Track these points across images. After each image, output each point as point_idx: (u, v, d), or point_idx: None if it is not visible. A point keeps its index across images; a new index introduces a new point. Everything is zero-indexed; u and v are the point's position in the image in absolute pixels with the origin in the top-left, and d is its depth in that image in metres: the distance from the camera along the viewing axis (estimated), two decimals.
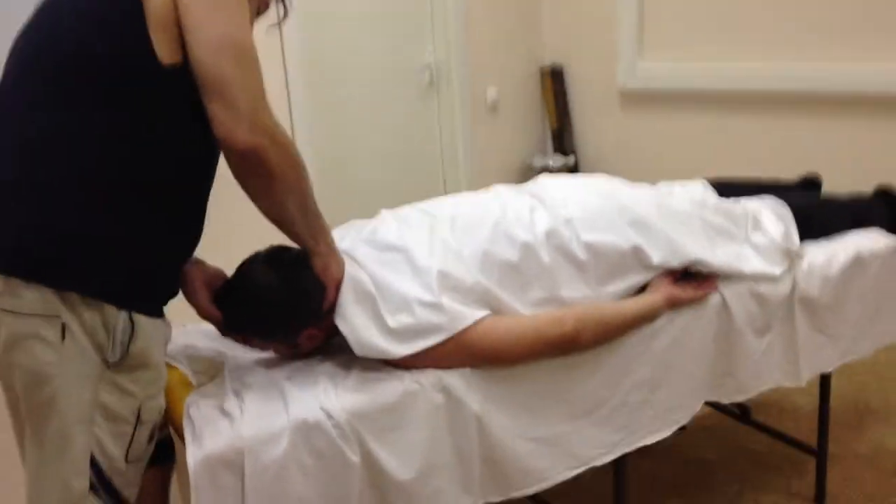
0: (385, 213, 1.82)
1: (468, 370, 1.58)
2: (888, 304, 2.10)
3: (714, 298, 1.81)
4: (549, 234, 1.69)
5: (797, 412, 2.69)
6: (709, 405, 1.92)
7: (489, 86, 4.03)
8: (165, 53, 1.29)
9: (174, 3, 1.28)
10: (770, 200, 2.03)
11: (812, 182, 2.38)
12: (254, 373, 1.62)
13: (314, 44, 3.34)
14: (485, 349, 1.57)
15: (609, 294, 1.73)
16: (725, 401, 1.92)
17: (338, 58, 3.49)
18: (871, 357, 2.13)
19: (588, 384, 1.69)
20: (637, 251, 1.73)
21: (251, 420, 1.44)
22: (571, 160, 4.21)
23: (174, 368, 1.66)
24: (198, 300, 1.60)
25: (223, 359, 1.69)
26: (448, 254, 1.62)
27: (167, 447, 1.63)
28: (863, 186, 2.31)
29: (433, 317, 1.54)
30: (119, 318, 1.30)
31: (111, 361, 1.31)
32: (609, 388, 1.72)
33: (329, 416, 1.46)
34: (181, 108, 1.33)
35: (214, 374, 1.64)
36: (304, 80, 3.25)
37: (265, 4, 1.52)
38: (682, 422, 1.83)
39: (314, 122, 3.32)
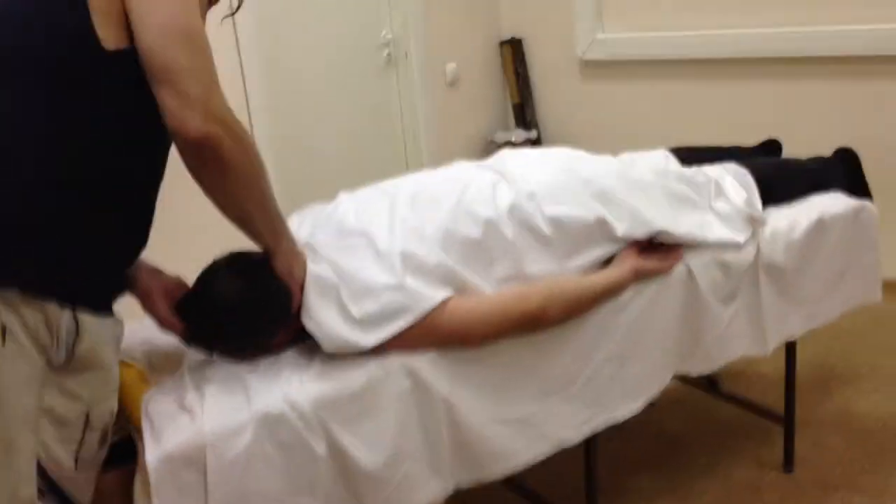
0: (343, 196, 1.78)
1: (435, 353, 1.55)
2: (851, 267, 2.11)
3: (680, 268, 1.79)
4: (512, 209, 1.65)
5: (764, 380, 2.69)
6: (677, 378, 1.91)
7: (448, 61, 3.97)
8: (109, 38, 1.23)
9: None
10: (732, 167, 2.02)
11: (773, 146, 2.37)
12: (214, 366, 1.57)
13: (268, 23, 3.26)
14: (451, 330, 1.54)
15: (575, 268, 1.70)
16: (694, 372, 1.91)
17: (294, 36, 3.41)
18: (836, 322, 2.14)
19: (556, 361, 1.67)
20: (601, 223, 1.71)
21: (212, 415, 1.41)
22: (534, 134, 4.18)
23: (131, 365, 1.62)
24: (157, 312, 1.54)
25: (182, 352, 1.64)
26: (409, 234, 1.59)
27: (128, 447, 1.58)
28: (823, 149, 2.31)
29: (397, 299, 1.51)
30: (62, 318, 1.24)
31: (56, 363, 1.26)
32: (578, 364, 1.70)
33: (293, 408, 1.42)
34: (127, 96, 1.27)
35: (174, 369, 1.59)
36: (260, 61, 3.17)
37: None
38: (652, 395, 1.82)
39: (271, 104, 3.25)
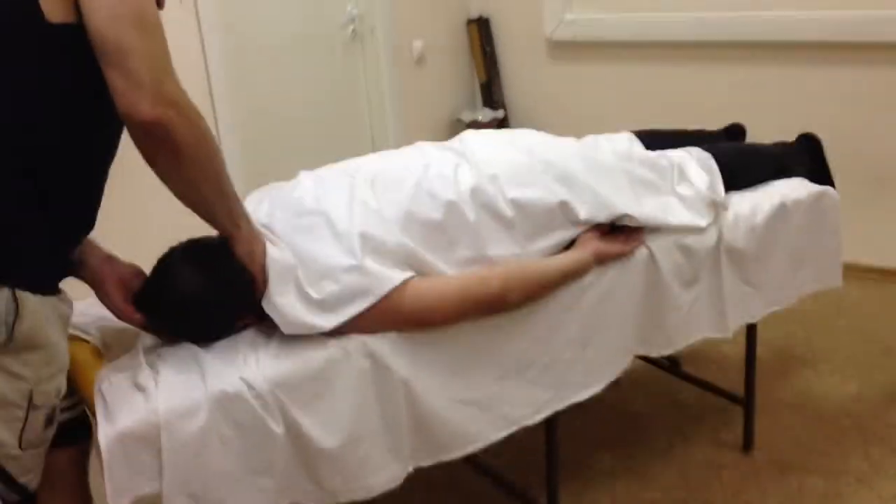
0: (303, 175, 1.75)
1: (394, 335, 1.54)
2: (812, 252, 2.12)
3: (641, 252, 1.79)
4: (474, 192, 1.64)
5: (725, 362, 2.72)
6: (639, 358, 1.92)
7: (415, 38, 3.93)
8: (54, 11, 1.19)
9: None
10: (695, 151, 2.02)
11: (736, 131, 2.38)
12: (169, 344, 1.54)
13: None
14: (410, 312, 1.53)
15: (536, 251, 1.69)
16: (654, 354, 1.92)
17: (257, 11, 3.35)
18: (797, 305, 2.16)
19: (517, 344, 1.67)
20: (564, 207, 1.70)
21: (167, 393, 1.38)
22: (501, 113, 4.17)
23: (85, 342, 1.59)
24: (113, 302, 1.51)
25: (137, 330, 1.61)
26: (369, 215, 1.57)
27: (82, 426, 1.55)
28: (787, 135, 2.32)
29: (357, 280, 1.49)
30: (0, 297, 1.20)
31: None
32: (538, 347, 1.70)
33: (250, 387, 1.40)
34: (72, 73, 1.23)
35: (128, 346, 1.56)
36: (221, 36, 3.12)
37: None
38: (613, 377, 1.83)
39: (234, 79, 3.19)
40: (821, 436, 2.39)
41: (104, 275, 1.50)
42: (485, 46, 4.15)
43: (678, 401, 2.62)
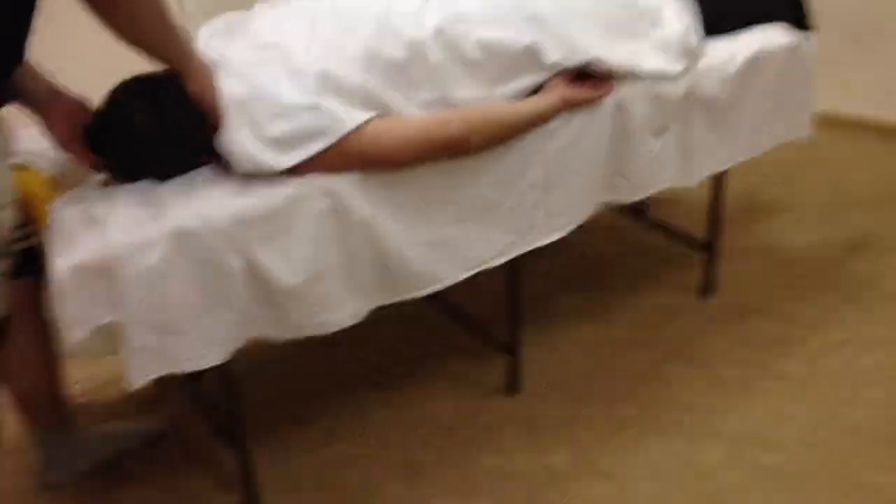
0: (260, 6, 1.68)
1: (355, 175, 1.53)
2: (786, 103, 2.09)
3: (610, 99, 1.76)
4: (439, 31, 1.58)
5: (692, 209, 2.74)
6: (606, 204, 1.93)
7: None
8: None
9: None
10: None
11: None
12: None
13: None
14: (369, 153, 1.51)
15: (502, 95, 1.66)
16: (619, 201, 1.92)
17: None
18: (767, 154, 2.15)
19: (479, 186, 1.67)
20: (532, 49, 1.65)
21: (123, 226, 1.38)
22: None
23: (39, 171, 1.56)
24: (57, 135, 1.47)
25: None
26: (330, 51, 1.52)
27: (38, 257, 1.56)
28: None
29: (314, 120, 1.46)
30: None
31: None
32: (501, 190, 1.70)
33: (206, 223, 1.40)
34: None
35: (82, 178, 1.54)
36: None
37: None
38: (576, 223, 1.84)
39: None
40: (782, 283, 2.46)
41: (49, 106, 1.45)
42: None
43: (643, 246, 2.67)
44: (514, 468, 1.84)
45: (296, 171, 1.49)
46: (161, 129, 1.45)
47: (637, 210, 2.67)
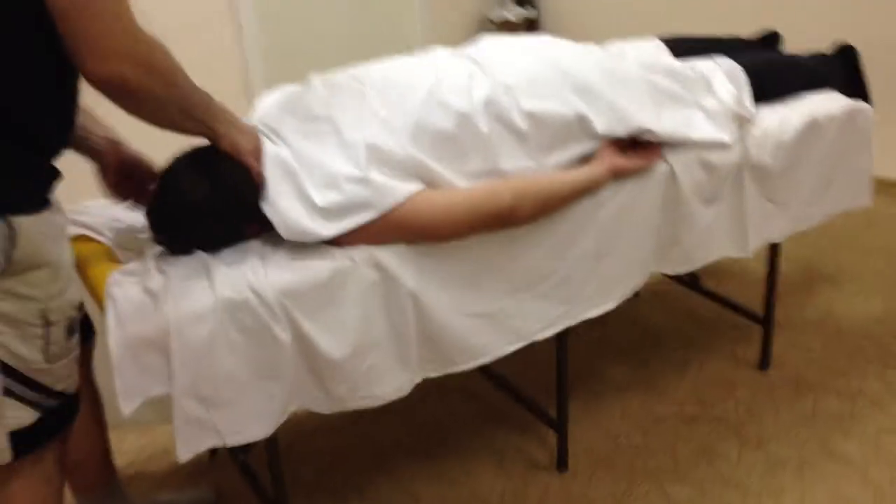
0: (314, 79, 1.70)
1: (403, 246, 1.52)
2: (842, 171, 2.05)
3: (661, 167, 1.74)
4: (488, 102, 1.59)
5: (747, 278, 2.69)
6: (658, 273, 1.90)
7: None
8: None
9: None
10: (724, 62, 1.94)
11: (771, 39, 2.28)
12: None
13: None
14: (417, 225, 1.50)
15: (551, 165, 1.65)
16: (671, 271, 1.89)
17: None
18: (824, 222, 2.10)
19: (529, 257, 1.65)
20: (580, 119, 1.65)
21: (176, 298, 1.38)
22: (533, 13, 4.03)
23: (98, 242, 1.60)
24: (107, 179, 1.53)
25: (147, 232, 1.61)
26: (378, 125, 1.53)
27: (86, 324, 1.57)
28: (823, 44, 2.22)
29: (361, 192, 1.47)
30: None
31: None
32: (551, 261, 1.68)
33: (257, 295, 1.40)
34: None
35: (140, 249, 1.56)
36: None
37: None
38: (627, 294, 1.81)
39: None
40: (840, 356, 2.37)
41: (106, 151, 1.52)
42: None
43: (696, 316, 2.61)
44: None
45: (342, 241, 1.49)
46: (215, 203, 1.47)
47: (690, 278, 2.62)
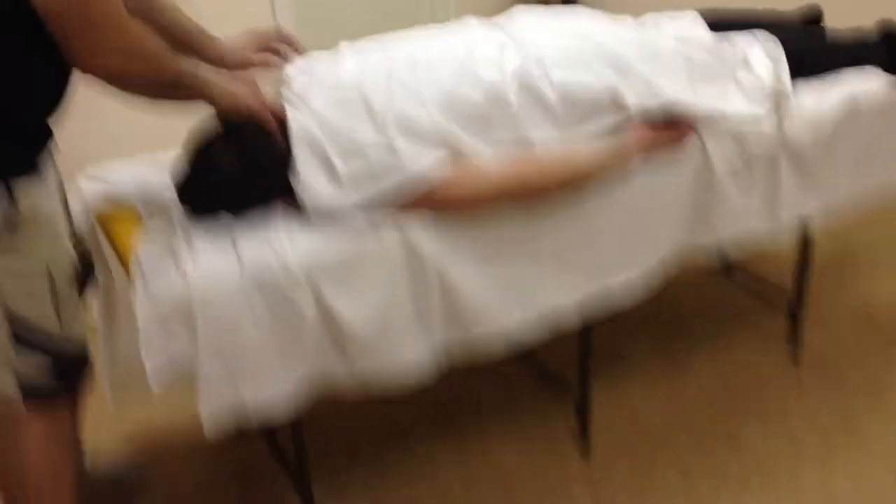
0: (344, 47, 1.69)
1: (429, 221, 1.51)
2: (881, 151, 2.00)
3: (692, 141, 1.71)
4: (518, 74, 1.57)
5: (780, 267, 2.63)
6: (691, 262, 1.86)
7: None
8: None
9: None
10: (762, 36, 1.89)
11: (812, 14, 2.22)
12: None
13: None
14: (443, 195, 1.49)
15: (580, 136, 1.63)
16: (702, 244, 1.84)
17: None
18: (863, 208, 2.06)
19: (556, 232, 1.63)
20: (612, 92, 1.62)
21: (202, 269, 1.39)
22: None
23: (124, 206, 1.61)
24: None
25: (174, 198, 1.61)
26: (406, 95, 1.52)
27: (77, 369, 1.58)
28: (867, 20, 2.15)
29: (386, 159, 1.46)
30: None
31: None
32: (580, 235, 1.66)
33: (282, 266, 1.41)
34: None
35: (166, 211, 1.57)
36: None
37: None
38: (651, 265, 1.77)
39: None
40: (870, 344, 2.33)
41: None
42: None
43: (727, 303, 2.56)
44: None
45: (367, 210, 1.48)
46: (243, 169, 1.47)
47: (722, 266, 2.57)
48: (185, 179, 1.50)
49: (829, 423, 2.03)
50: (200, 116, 1.54)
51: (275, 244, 1.44)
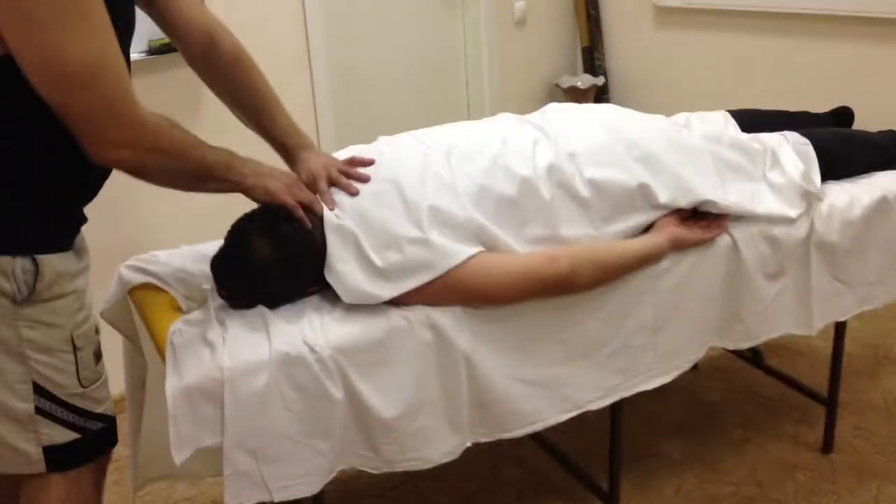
0: (381, 140, 1.74)
1: (459, 308, 1.52)
2: None
3: (723, 240, 1.72)
4: (551, 169, 1.60)
5: (812, 356, 2.61)
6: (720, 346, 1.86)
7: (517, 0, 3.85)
8: None
9: None
10: (792, 136, 1.91)
11: (843, 115, 2.24)
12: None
13: None
14: (475, 287, 1.51)
15: (612, 233, 1.65)
16: (732, 346, 1.85)
17: None
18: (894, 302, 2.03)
19: (586, 325, 1.63)
20: (643, 189, 1.64)
21: (232, 350, 1.41)
22: (601, 80, 4.04)
23: (164, 292, 1.63)
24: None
25: (212, 284, 1.64)
26: (441, 188, 1.55)
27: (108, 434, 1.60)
28: None
29: (421, 253, 1.48)
30: (15, 264, 1.28)
31: (20, 300, 1.30)
32: (608, 330, 1.66)
33: (312, 351, 1.42)
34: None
35: (203, 300, 1.60)
36: None
37: None
38: (685, 367, 1.77)
39: (332, 40, 3.20)
40: None
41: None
42: (590, 9, 4.03)
43: (758, 393, 2.53)
44: None
45: (399, 300, 1.50)
46: (278, 264, 1.50)
47: (752, 354, 2.55)
48: (221, 269, 1.53)
49: None
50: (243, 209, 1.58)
51: (306, 328, 1.46)
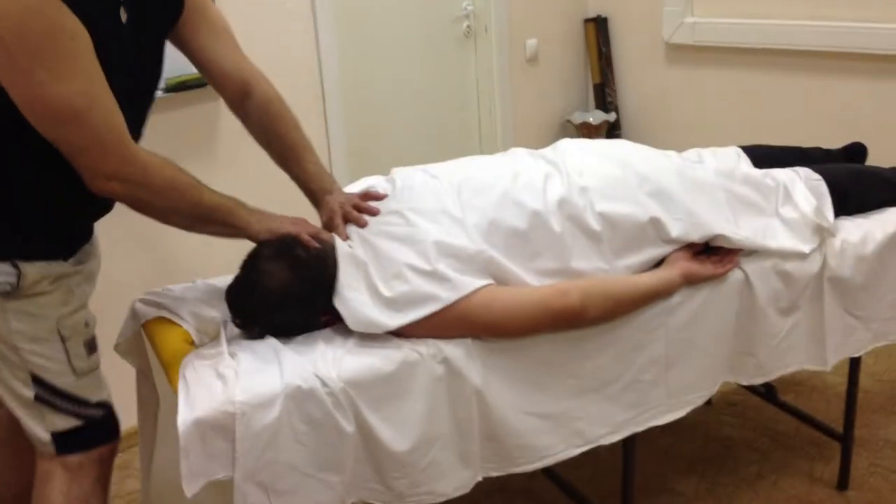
0: (395, 173, 1.76)
1: (469, 341, 1.52)
2: None
3: (736, 275, 1.72)
4: (562, 203, 1.61)
5: (828, 392, 2.59)
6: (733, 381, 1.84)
7: (529, 37, 3.89)
8: None
9: None
10: (804, 172, 1.92)
11: (856, 151, 2.24)
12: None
13: None
14: (484, 320, 1.51)
15: (624, 267, 1.65)
16: (745, 382, 1.85)
17: (371, 8, 3.39)
18: None
19: (597, 359, 1.63)
20: (655, 223, 1.65)
21: (245, 384, 1.41)
22: (613, 116, 4.07)
23: (177, 325, 1.64)
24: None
25: (225, 317, 1.65)
26: (451, 221, 1.56)
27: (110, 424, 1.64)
28: None
29: (429, 285, 1.49)
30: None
31: (3, 293, 1.38)
32: (620, 365, 1.65)
33: (324, 384, 1.42)
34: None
35: (216, 333, 1.61)
36: (335, 30, 3.16)
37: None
38: (698, 403, 1.77)
39: (345, 75, 3.24)
40: None
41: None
42: (601, 46, 4.07)
43: (771, 429, 2.51)
44: None
45: (408, 332, 1.50)
46: (292, 294, 1.52)
47: (766, 389, 2.54)
48: (237, 296, 1.55)
49: None
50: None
51: (318, 361, 1.46)
